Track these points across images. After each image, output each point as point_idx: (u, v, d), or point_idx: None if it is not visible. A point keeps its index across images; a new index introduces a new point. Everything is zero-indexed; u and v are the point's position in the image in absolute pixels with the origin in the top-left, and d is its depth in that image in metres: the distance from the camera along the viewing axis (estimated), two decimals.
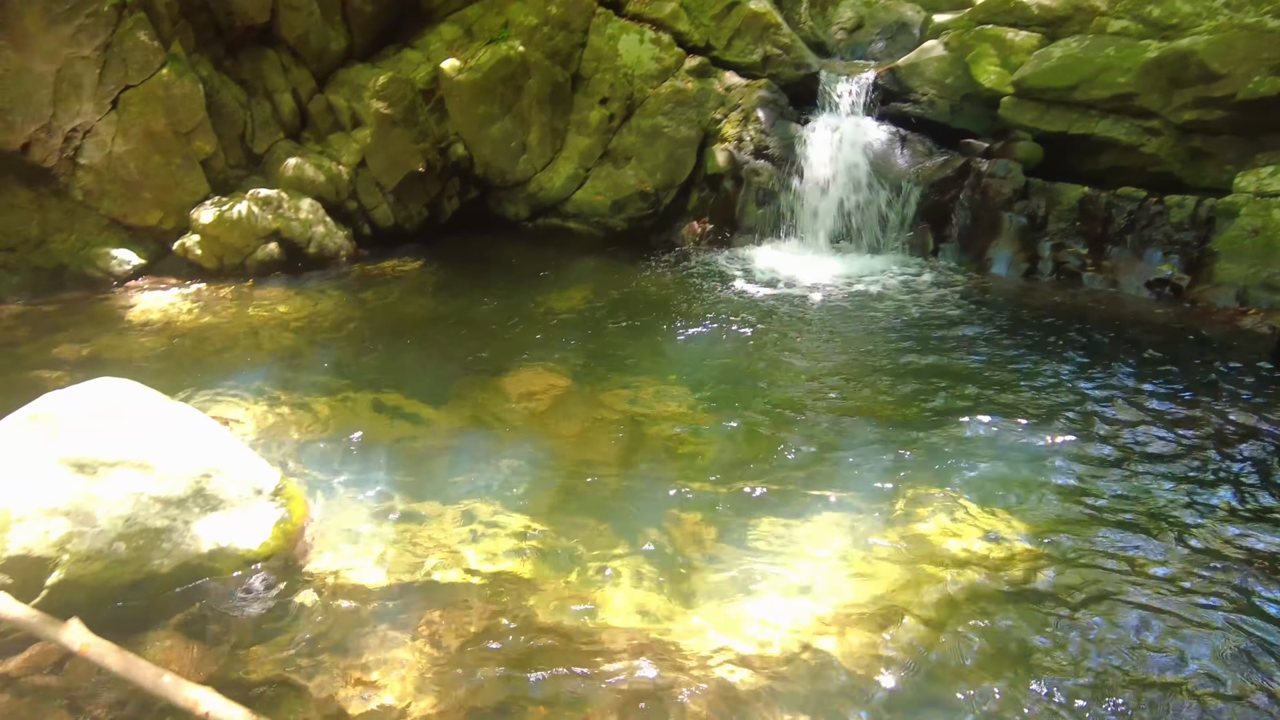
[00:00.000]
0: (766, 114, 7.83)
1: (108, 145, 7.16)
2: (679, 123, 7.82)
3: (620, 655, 2.71)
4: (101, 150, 7.17)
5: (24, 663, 2.57)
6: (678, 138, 7.83)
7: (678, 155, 7.88)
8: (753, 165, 7.70)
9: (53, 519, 2.64)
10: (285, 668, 2.62)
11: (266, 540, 3.06)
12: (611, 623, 2.87)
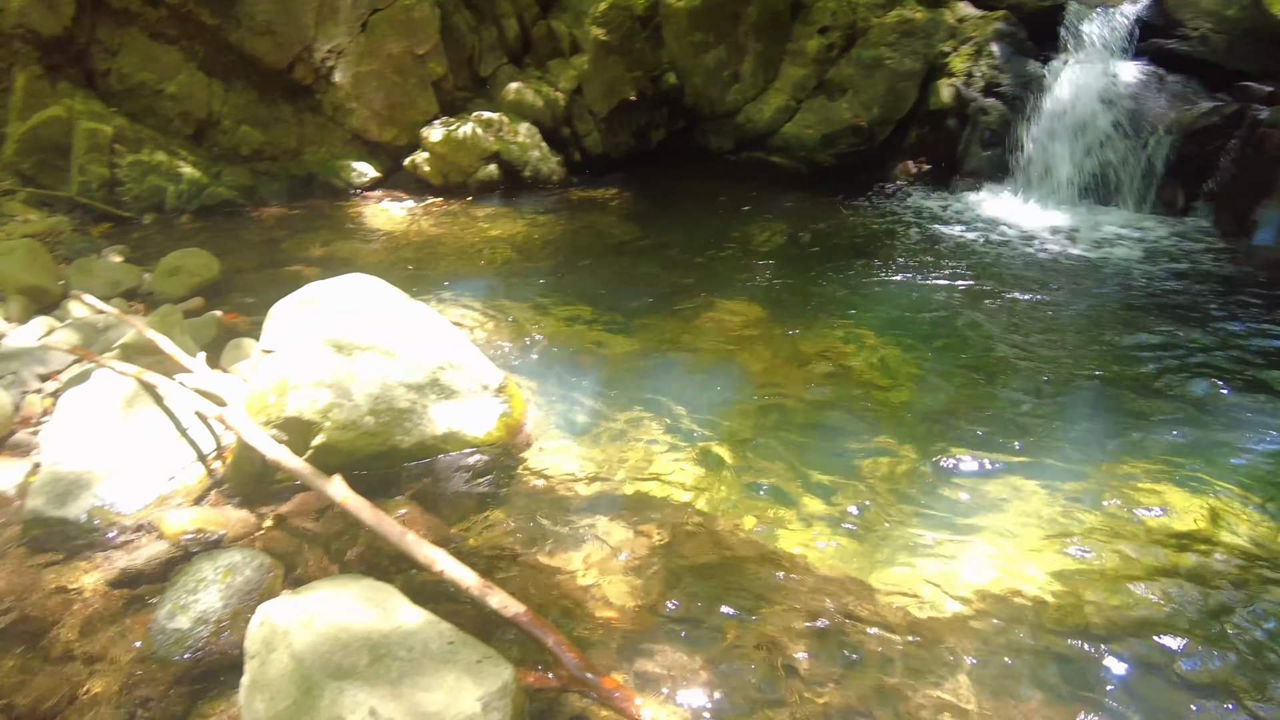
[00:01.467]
0: (1001, 48, 7.22)
1: (355, 66, 7.80)
2: (903, 54, 7.39)
3: (805, 585, 2.73)
4: (350, 70, 7.83)
5: (292, 508, 3.00)
6: (900, 70, 7.41)
7: (898, 89, 7.47)
8: (981, 103, 7.17)
9: (319, 390, 3.03)
10: (500, 542, 2.88)
11: (490, 430, 3.34)
12: (796, 554, 2.90)
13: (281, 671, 1.89)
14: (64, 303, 4.53)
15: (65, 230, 6.49)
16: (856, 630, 2.51)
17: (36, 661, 2.38)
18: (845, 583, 2.74)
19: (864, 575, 2.77)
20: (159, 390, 3.18)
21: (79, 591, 2.65)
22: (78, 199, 7.17)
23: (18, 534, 2.87)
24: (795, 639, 2.48)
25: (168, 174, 7.42)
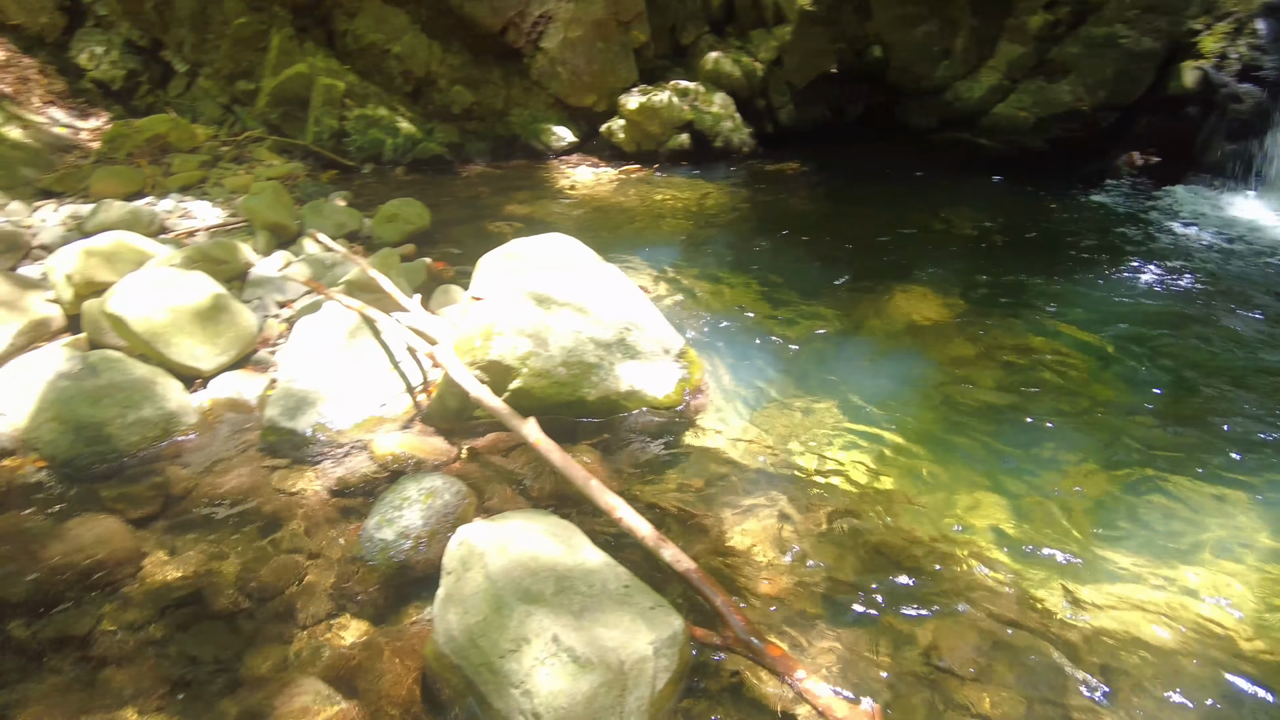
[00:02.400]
0: (1270, 26, 6.37)
1: (563, 31, 8.07)
2: (1141, 32, 6.69)
3: (978, 590, 2.63)
4: (557, 35, 8.11)
5: (486, 443, 3.24)
6: (1136, 50, 6.72)
7: (1131, 71, 6.80)
8: (1234, 89, 6.39)
9: (520, 338, 3.22)
10: (670, 500, 2.97)
11: (669, 393, 3.43)
12: (969, 556, 2.78)
13: (475, 589, 2.06)
14: (299, 239, 5.07)
15: (300, 175, 7.22)
16: (1032, 646, 2.39)
17: (269, 548, 2.73)
18: (1022, 595, 2.61)
19: (1042, 589, 2.63)
20: (378, 325, 3.51)
21: (302, 494, 3.00)
22: (311, 147, 7.94)
23: (257, 438, 3.28)
24: (960, 641, 2.40)
25: (387, 128, 8.04)
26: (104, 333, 3.76)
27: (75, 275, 3.98)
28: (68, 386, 3.18)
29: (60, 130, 8.33)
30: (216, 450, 3.26)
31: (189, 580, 2.61)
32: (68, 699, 2.21)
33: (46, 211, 6.02)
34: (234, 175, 6.79)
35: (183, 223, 5.57)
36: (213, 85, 8.74)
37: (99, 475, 3.10)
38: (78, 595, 2.55)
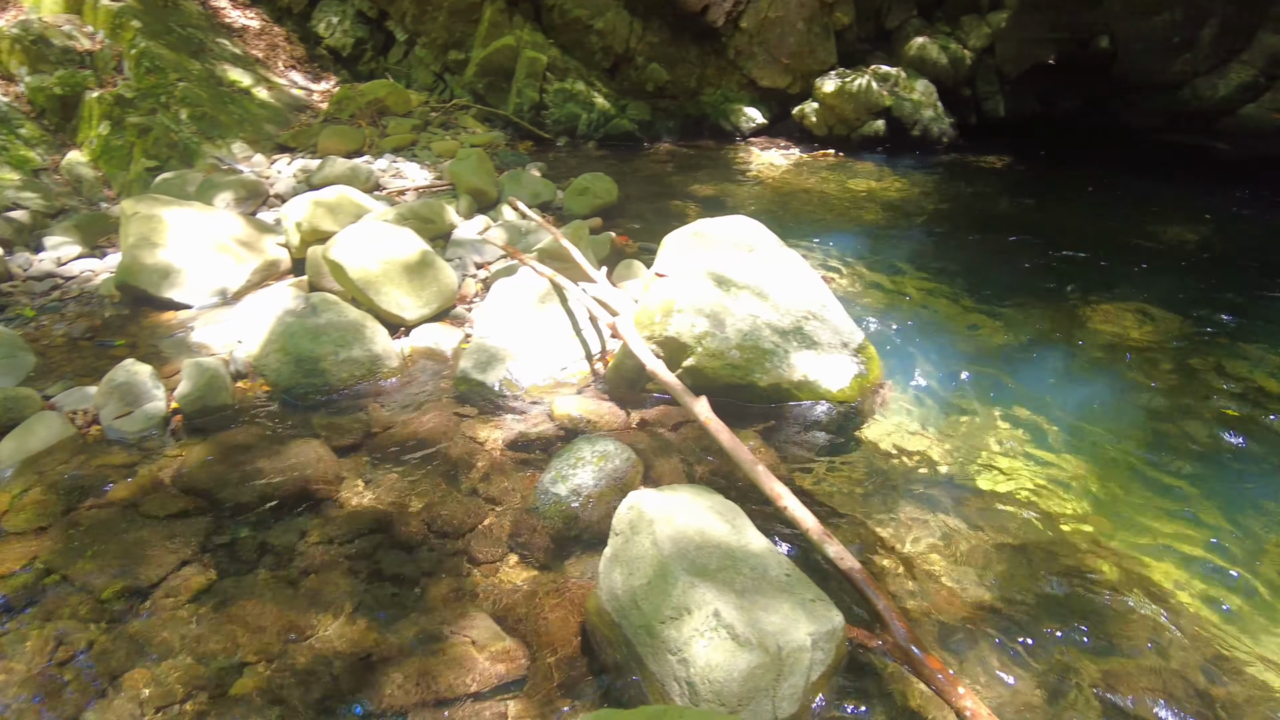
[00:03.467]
0: None
1: (764, 11, 7.98)
2: None
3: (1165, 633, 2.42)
4: (758, 15, 8.03)
5: (655, 416, 3.32)
6: None
7: None
8: None
9: (698, 317, 3.27)
10: (835, 496, 2.93)
11: (844, 388, 3.37)
12: (1157, 593, 2.56)
13: (642, 553, 2.14)
14: (498, 205, 5.37)
15: (500, 144, 7.62)
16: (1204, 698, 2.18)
17: (453, 491, 2.95)
18: (1204, 646, 2.37)
19: (1225, 645, 2.38)
20: (566, 293, 3.67)
21: (485, 443, 3.21)
22: (512, 118, 8.35)
23: (450, 387, 3.54)
24: (1133, 686, 2.23)
25: (583, 103, 8.31)
26: (323, 277, 4.16)
27: (304, 223, 4.42)
28: (293, 323, 3.56)
29: (297, 92, 9.22)
30: (413, 394, 3.55)
31: (381, 508, 2.87)
32: (275, 596, 2.50)
33: (282, 164, 6.72)
34: (441, 140, 7.27)
35: (394, 181, 6.04)
36: (427, 54, 9.35)
37: (312, 404, 3.46)
38: (290, 507, 2.87)
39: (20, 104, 7.45)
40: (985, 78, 7.68)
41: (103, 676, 2.27)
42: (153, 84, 7.45)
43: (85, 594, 2.54)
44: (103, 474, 3.04)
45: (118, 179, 6.93)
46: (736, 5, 8.02)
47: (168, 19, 8.51)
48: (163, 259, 4.40)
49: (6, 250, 5.29)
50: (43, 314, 4.48)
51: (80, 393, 3.46)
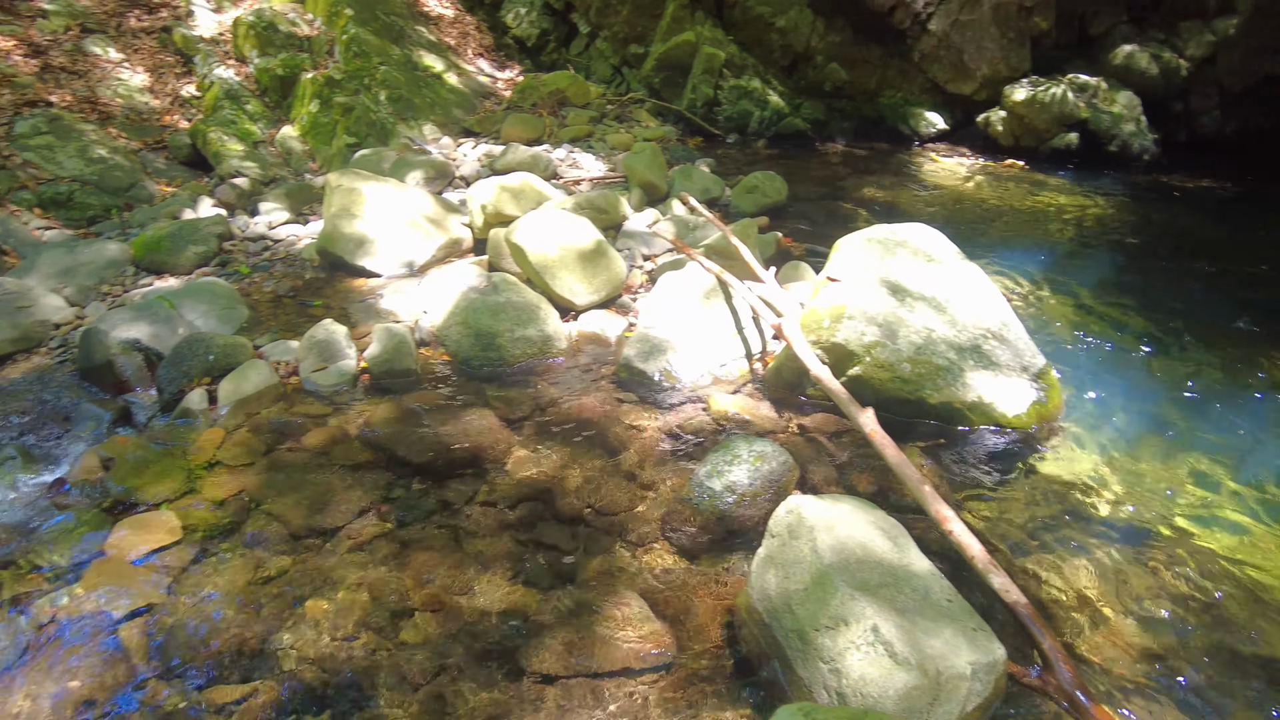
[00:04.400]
0: None
1: (955, 13, 7.64)
2: None
3: None
4: (948, 18, 7.70)
5: (813, 422, 3.28)
6: None
7: None
8: None
9: (869, 326, 3.20)
10: (1002, 526, 2.79)
11: (1021, 414, 3.20)
12: None
13: (800, 558, 2.13)
14: (668, 199, 5.45)
15: (671, 138, 7.72)
16: None
17: (610, 472, 3.04)
18: None
19: None
20: (731, 290, 3.68)
21: (643, 430, 3.29)
22: (684, 113, 8.43)
23: (612, 373, 3.65)
24: None
25: (757, 100, 8.27)
26: (503, 258, 4.38)
27: (489, 206, 4.67)
28: (475, 299, 3.77)
29: (483, 79, 9.71)
30: (577, 375, 3.68)
31: (543, 480, 3.01)
32: (443, 551, 2.68)
33: (467, 147, 7.11)
34: (615, 133, 7.45)
35: (570, 171, 6.26)
36: (608, 47, 9.59)
37: (485, 376, 3.66)
38: (461, 470, 3.06)
39: (249, 83, 8.27)
40: (1202, 90, 7.00)
41: (291, 601, 2.51)
42: (358, 67, 8.07)
43: (281, 525, 2.82)
44: (299, 421, 3.35)
45: (321, 153, 7.57)
46: (926, 6, 7.72)
47: (375, 7, 9.18)
48: (359, 229, 4.77)
49: (229, 212, 5.91)
50: (255, 272, 4.98)
51: (284, 345, 3.82)
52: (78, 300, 4.74)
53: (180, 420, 3.41)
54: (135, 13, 8.95)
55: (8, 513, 2.97)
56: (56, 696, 2.22)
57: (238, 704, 2.20)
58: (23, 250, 5.77)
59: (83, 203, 6.48)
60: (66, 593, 2.55)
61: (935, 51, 7.82)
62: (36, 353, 4.32)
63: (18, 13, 8.07)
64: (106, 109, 7.75)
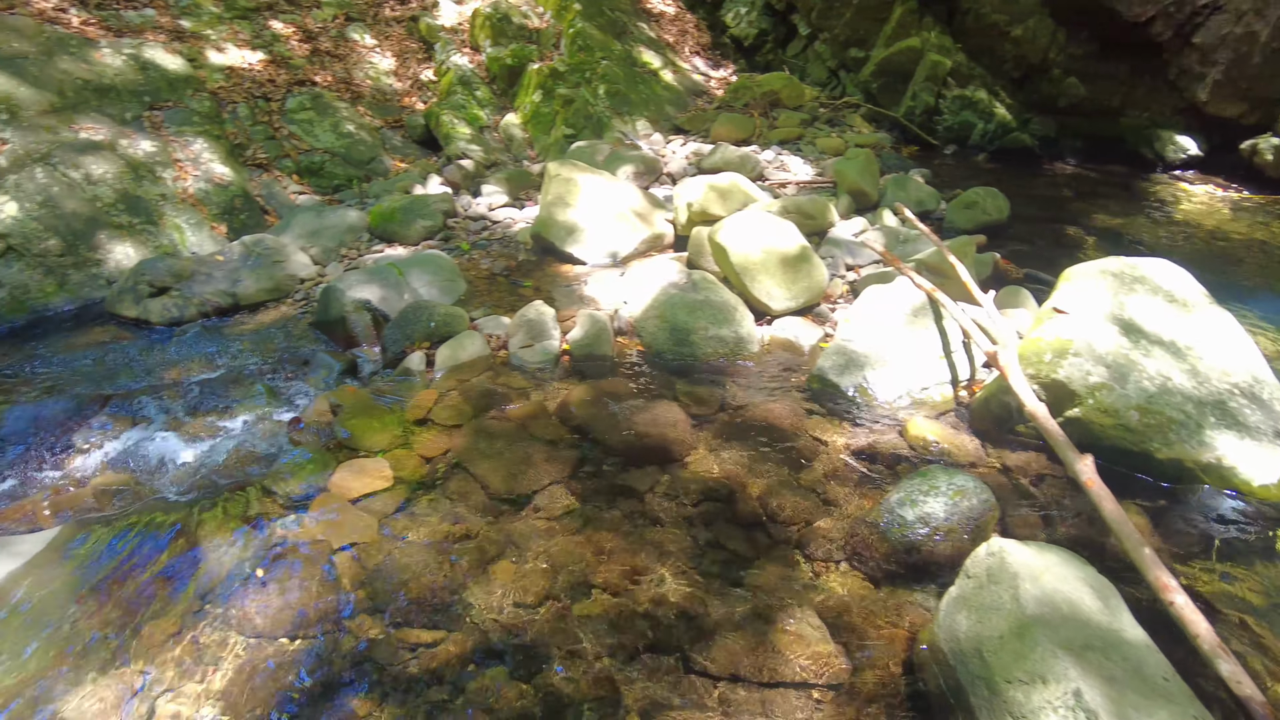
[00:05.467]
0: None
1: (1229, 25, 6.83)
2: None
3: None
4: (1217, 31, 6.90)
5: (1019, 461, 3.06)
6: None
7: None
8: None
9: (1095, 366, 2.95)
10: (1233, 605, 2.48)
11: (1270, 484, 2.82)
12: None
13: (998, 604, 2.00)
14: (877, 208, 5.28)
15: (885, 146, 7.46)
16: None
17: (793, 483, 3.00)
18: None
19: None
20: (943, 310, 3.51)
21: (830, 445, 3.21)
22: (901, 120, 8.12)
23: (802, 382, 3.59)
24: None
25: (981, 112, 7.81)
26: (702, 256, 4.42)
27: (695, 204, 4.73)
28: (675, 295, 3.84)
29: (697, 77, 9.83)
30: (766, 380, 3.65)
31: (724, 480, 3.01)
32: (624, 534, 2.75)
33: (676, 145, 7.23)
34: (826, 137, 7.30)
35: (778, 173, 6.21)
36: (826, 50, 9.41)
37: (676, 370, 3.72)
38: (646, 459, 3.13)
39: (480, 71, 8.87)
40: None
41: (481, 560, 2.68)
42: (581, 61, 8.42)
43: (479, 487, 3.01)
44: (504, 392, 3.56)
45: (540, 141, 7.98)
46: (1193, 18, 6.94)
47: (601, 3, 9.54)
48: (571, 218, 4.99)
49: (454, 192, 6.37)
50: (474, 249, 5.34)
51: (496, 320, 4.07)
52: (321, 260, 5.30)
53: (400, 378, 3.73)
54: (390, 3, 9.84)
55: (256, 441, 3.38)
56: (279, 608, 2.50)
57: (427, 647, 2.37)
58: (281, 211, 6.52)
59: (331, 172, 7.23)
60: (296, 519, 2.86)
61: (1196, 68, 7.02)
62: (284, 303, 4.87)
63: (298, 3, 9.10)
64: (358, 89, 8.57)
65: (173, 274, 4.80)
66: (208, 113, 6.92)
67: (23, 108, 5.82)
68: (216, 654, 2.36)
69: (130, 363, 4.27)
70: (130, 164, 5.97)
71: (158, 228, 5.76)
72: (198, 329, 4.57)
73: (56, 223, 5.39)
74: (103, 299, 5.03)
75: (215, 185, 6.32)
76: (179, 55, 7.24)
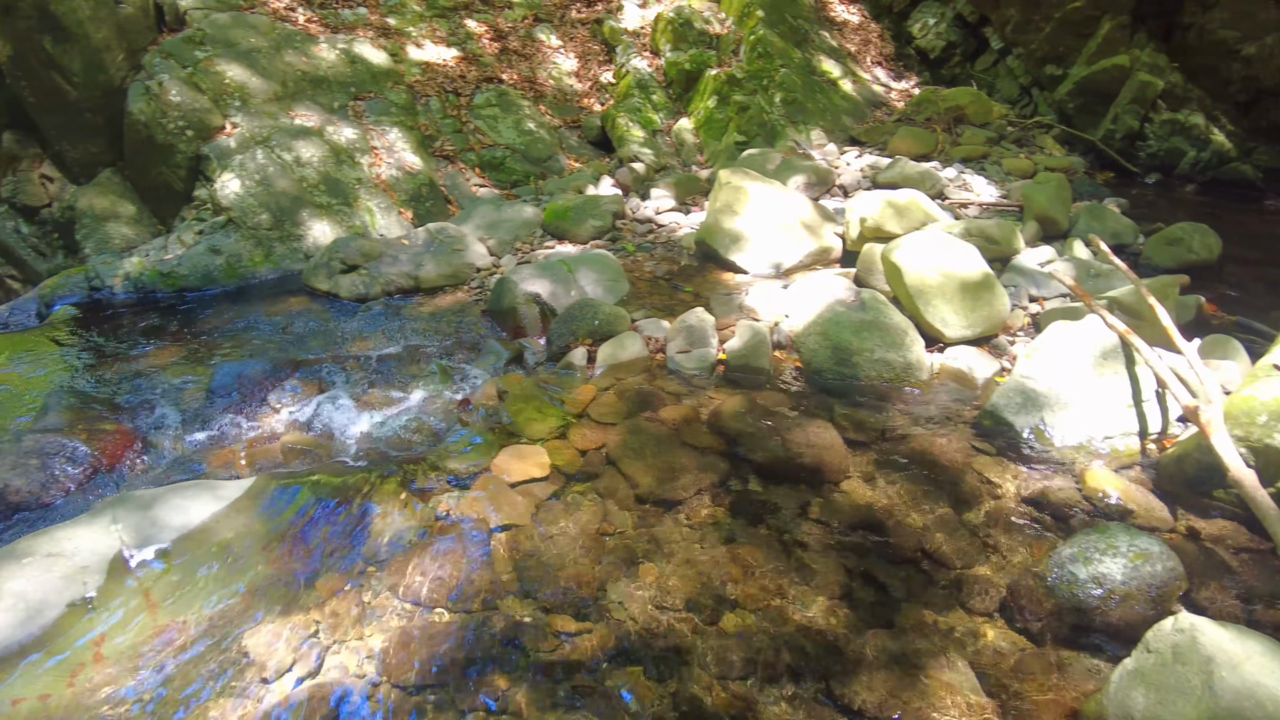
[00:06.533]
0: None
1: None
2: None
3: None
4: None
5: (1214, 530, 2.77)
6: None
7: None
8: None
9: None
10: None
11: None
12: None
13: (1184, 687, 1.82)
14: (1066, 238, 4.93)
15: (1078, 171, 6.96)
16: None
17: (954, 522, 2.85)
18: None
19: None
20: (1137, 354, 3.23)
21: (998, 488, 3.03)
22: (1098, 144, 7.55)
23: (972, 417, 3.41)
24: None
25: (1195, 139, 7.14)
26: (871, 275, 4.29)
27: (869, 220, 4.59)
28: (841, 313, 3.75)
29: (877, 88, 9.55)
30: (932, 411, 3.50)
31: (879, 512, 2.91)
32: (771, 553, 2.72)
33: (850, 156, 7.06)
34: (1013, 157, 6.90)
35: (959, 193, 5.93)
36: (1019, 65, 8.90)
37: (835, 390, 3.63)
38: (797, 478, 3.08)
39: (658, 75, 9.01)
40: None
41: (627, 559, 2.72)
42: (759, 68, 8.38)
43: (628, 486, 3.06)
44: (659, 394, 3.60)
45: (710, 147, 8.01)
46: None
47: (784, 10, 9.45)
48: (737, 226, 4.97)
49: (625, 194, 6.51)
50: (639, 251, 5.43)
51: (656, 323, 4.12)
52: (496, 251, 5.56)
53: (563, 371, 3.86)
54: (577, 5, 10.18)
55: (427, 417, 3.59)
56: (437, 578, 2.64)
57: (570, 636, 2.44)
58: (462, 202, 6.90)
59: (510, 168, 7.57)
60: (458, 496, 3.01)
61: None
62: (460, 289, 5.15)
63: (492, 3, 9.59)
64: (541, 88, 8.93)
65: (363, 254, 5.19)
66: (404, 104, 7.42)
67: (252, 96, 6.46)
68: (378, 615, 2.53)
69: (319, 332, 4.64)
70: (334, 149, 6.49)
71: (352, 209, 6.24)
72: (381, 306, 4.91)
73: (269, 199, 5.95)
74: (300, 271, 5.50)
75: (405, 173, 6.77)
76: (383, 50, 7.81)
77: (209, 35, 6.66)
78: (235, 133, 6.22)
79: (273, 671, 2.31)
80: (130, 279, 5.37)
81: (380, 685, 2.27)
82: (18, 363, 4.42)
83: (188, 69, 6.35)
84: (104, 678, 2.24)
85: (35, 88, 6.33)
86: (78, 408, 3.77)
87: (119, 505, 2.72)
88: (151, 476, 3.39)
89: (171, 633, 2.41)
